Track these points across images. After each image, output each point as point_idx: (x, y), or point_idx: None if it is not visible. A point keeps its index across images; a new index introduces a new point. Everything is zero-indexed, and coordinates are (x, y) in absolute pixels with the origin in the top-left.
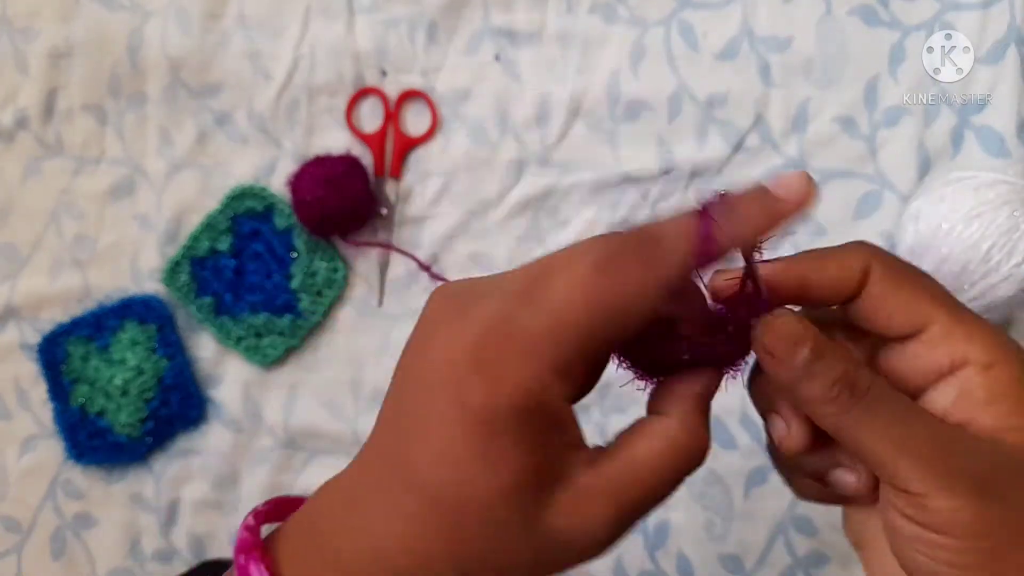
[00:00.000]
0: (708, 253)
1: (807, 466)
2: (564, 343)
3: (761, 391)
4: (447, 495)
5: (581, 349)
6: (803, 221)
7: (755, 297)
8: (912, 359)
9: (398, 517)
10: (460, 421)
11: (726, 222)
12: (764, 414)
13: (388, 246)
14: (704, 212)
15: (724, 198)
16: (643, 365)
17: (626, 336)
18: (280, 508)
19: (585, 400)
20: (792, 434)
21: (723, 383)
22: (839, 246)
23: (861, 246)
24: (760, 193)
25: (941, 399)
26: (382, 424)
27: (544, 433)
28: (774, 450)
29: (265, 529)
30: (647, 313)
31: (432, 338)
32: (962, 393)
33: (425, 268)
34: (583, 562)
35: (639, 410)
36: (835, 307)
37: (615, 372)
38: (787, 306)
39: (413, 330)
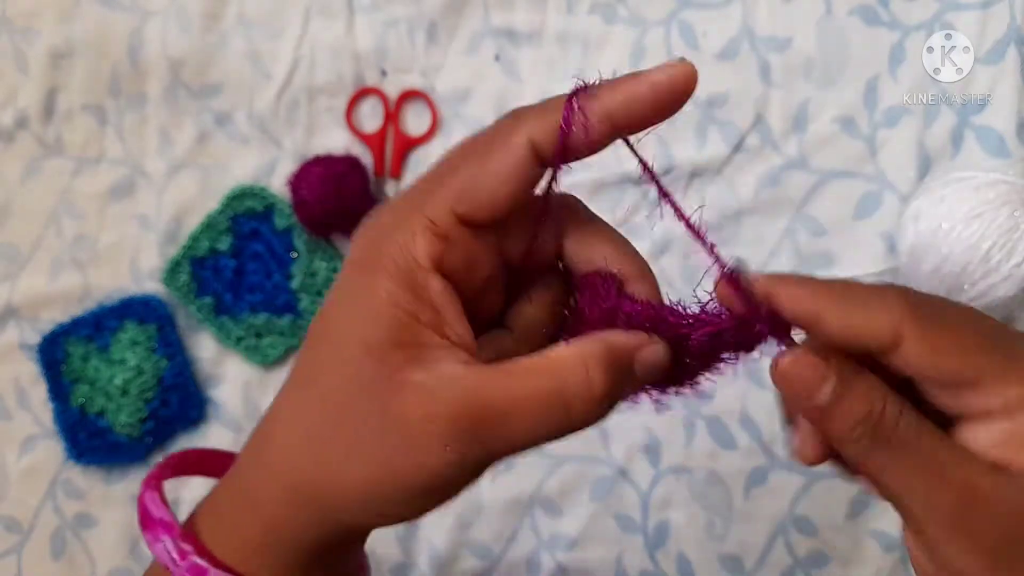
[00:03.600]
0: (571, 132)
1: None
2: (428, 205)
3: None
4: (323, 336)
5: (446, 210)
6: (681, 106)
7: (751, 313)
8: (960, 399)
9: (289, 409)
10: (345, 276)
11: (594, 101)
12: (786, 418)
13: None
14: (571, 96)
15: (595, 84)
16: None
17: (491, 207)
18: (186, 461)
19: None
20: (807, 449)
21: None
22: (870, 290)
23: (892, 299)
24: (631, 75)
25: (983, 436)
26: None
27: (407, 292)
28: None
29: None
30: (509, 187)
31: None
32: (1010, 435)
33: None
34: (432, 478)
35: (640, 409)
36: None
37: None
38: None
39: None
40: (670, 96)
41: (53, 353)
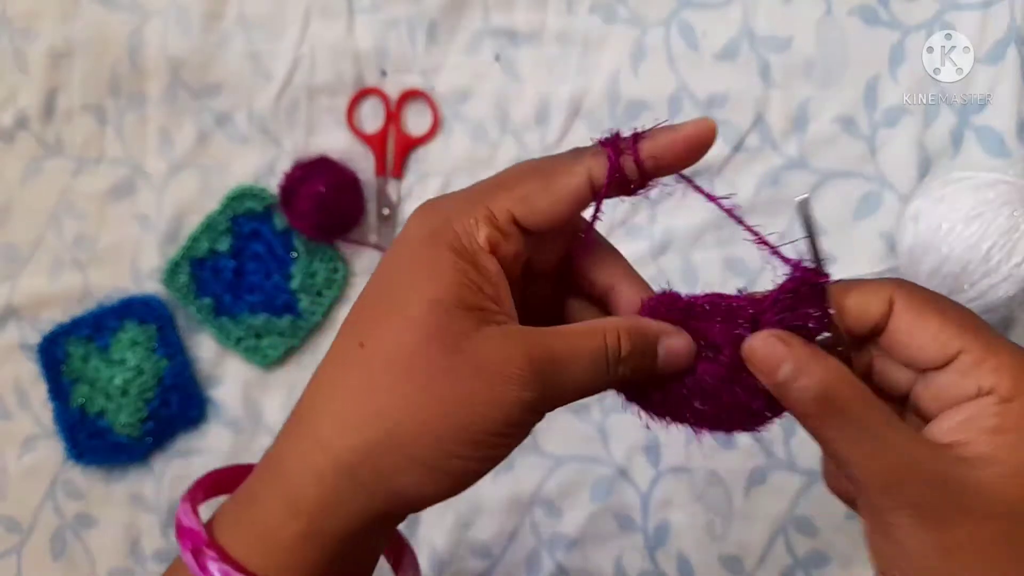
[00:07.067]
0: (622, 167)
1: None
2: (491, 202)
3: None
4: (390, 298)
5: (506, 209)
6: (702, 155)
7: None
8: (943, 388)
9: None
10: (405, 249)
11: (643, 143)
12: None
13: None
14: (623, 138)
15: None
16: (654, 408)
17: (545, 218)
18: (218, 482)
19: (585, 400)
20: (832, 480)
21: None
22: (862, 280)
23: (884, 282)
24: (668, 127)
25: (947, 420)
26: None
27: (467, 264)
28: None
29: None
30: (563, 206)
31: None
32: (971, 417)
33: None
34: (507, 415)
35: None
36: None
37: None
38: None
39: None
40: (697, 146)
41: (53, 353)
